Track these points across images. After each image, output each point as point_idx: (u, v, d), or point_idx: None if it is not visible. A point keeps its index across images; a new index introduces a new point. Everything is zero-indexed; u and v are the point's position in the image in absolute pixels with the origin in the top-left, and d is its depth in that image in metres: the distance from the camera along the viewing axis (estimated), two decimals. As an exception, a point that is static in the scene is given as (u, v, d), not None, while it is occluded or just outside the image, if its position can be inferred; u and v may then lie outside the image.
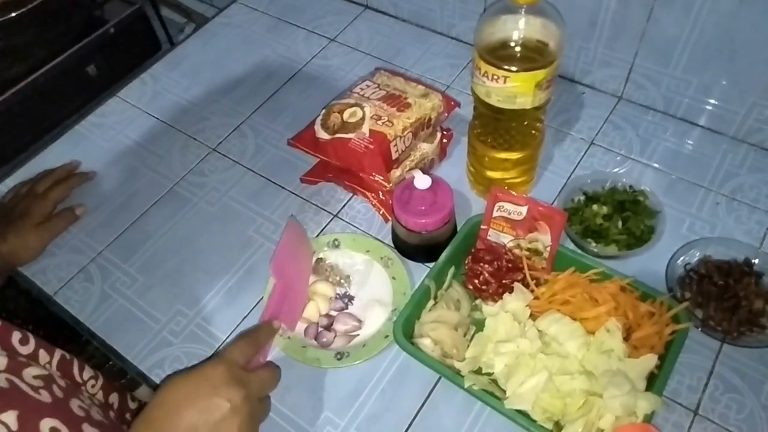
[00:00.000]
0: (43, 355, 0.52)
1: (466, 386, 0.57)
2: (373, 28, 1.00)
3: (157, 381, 0.65)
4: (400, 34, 0.99)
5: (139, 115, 0.92)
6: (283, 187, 0.80)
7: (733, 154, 0.78)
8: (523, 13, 0.57)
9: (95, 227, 0.78)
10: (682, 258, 0.67)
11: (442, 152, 0.79)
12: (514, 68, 0.58)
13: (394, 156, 0.70)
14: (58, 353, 0.54)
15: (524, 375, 0.57)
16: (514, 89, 0.59)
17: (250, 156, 0.84)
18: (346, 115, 0.71)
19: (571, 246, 0.70)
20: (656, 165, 0.78)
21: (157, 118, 0.91)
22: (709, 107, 0.78)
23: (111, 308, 0.71)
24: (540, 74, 0.58)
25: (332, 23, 1.02)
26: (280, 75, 0.95)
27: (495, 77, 0.59)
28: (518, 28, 0.58)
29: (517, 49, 0.59)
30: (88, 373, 0.57)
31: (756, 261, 0.66)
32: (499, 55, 0.59)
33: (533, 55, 0.60)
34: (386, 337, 0.64)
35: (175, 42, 1.26)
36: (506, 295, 0.64)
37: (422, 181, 0.64)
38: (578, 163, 0.79)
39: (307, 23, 1.02)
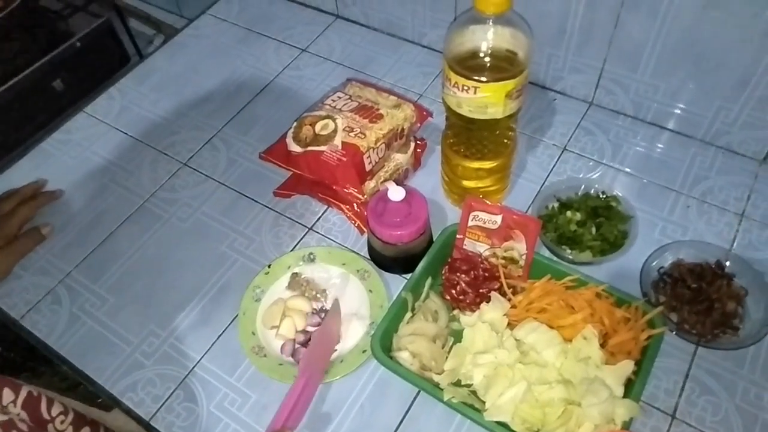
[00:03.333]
0: (7, 394, 0.50)
1: (445, 399, 0.57)
2: (344, 37, 1.00)
3: (130, 405, 0.63)
4: (372, 43, 0.98)
5: (107, 131, 0.90)
6: (256, 201, 0.79)
7: (702, 157, 0.79)
8: (491, 23, 0.57)
9: (63, 247, 0.76)
10: (655, 262, 0.68)
11: (417, 162, 0.79)
12: (484, 79, 0.58)
13: (368, 167, 0.70)
14: (24, 390, 0.52)
15: (503, 386, 0.57)
16: (484, 99, 0.59)
17: (222, 170, 0.83)
18: (318, 127, 0.70)
19: (547, 253, 0.70)
20: (628, 169, 0.78)
21: (125, 134, 0.89)
22: (677, 111, 0.79)
23: (80, 331, 0.69)
24: (510, 84, 0.58)
25: (303, 33, 1.01)
26: (251, 87, 0.94)
27: (465, 88, 0.59)
28: (487, 38, 0.58)
29: (487, 59, 0.59)
30: (57, 408, 0.55)
31: (727, 263, 0.67)
32: (468, 65, 0.59)
33: (503, 65, 0.60)
34: (364, 351, 0.63)
35: (144, 54, 1.24)
36: (483, 305, 0.64)
37: (396, 193, 0.63)
38: (551, 169, 0.79)
39: (277, 34, 1.01)
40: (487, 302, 0.65)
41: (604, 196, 0.72)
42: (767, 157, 0.77)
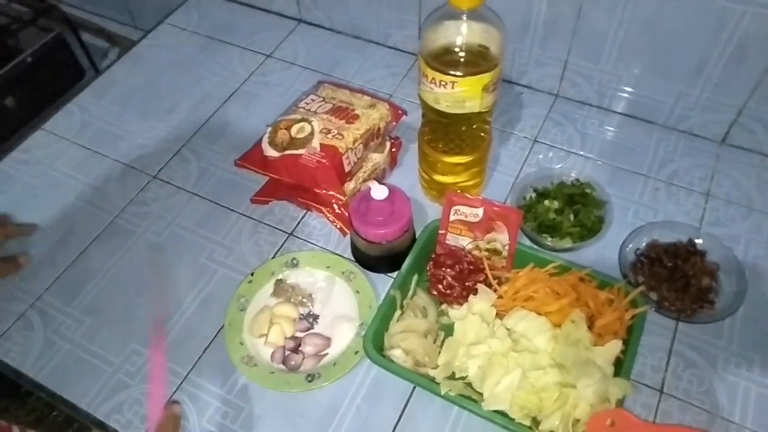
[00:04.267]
0: None
1: (442, 393, 0.57)
2: (309, 41, 0.99)
3: (117, 427, 0.61)
4: (338, 46, 0.98)
5: (69, 147, 0.86)
6: (232, 210, 0.78)
7: (666, 141, 0.82)
8: (464, 18, 0.58)
9: (32, 270, 0.73)
10: (631, 244, 0.70)
11: (393, 161, 0.79)
12: (460, 73, 0.59)
13: (347, 168, 0.70)
14: None
15: (499, 375, 0.57)
16: (462, 94, 0.60)
17: (195, 180, 0.81)
18: (294, 131, 0.70)
19: (528, 243, 0.71)
20: (597, 157, 0.81)
21: (88, 149, 0.86)
22: (640, 99, 0.82)
23: (57, 356, 0.66)
24: (486, 77, 0.59)
25: (267, 39, 1.00)
26: (217, 95, 0.92)
27: (442, 83, 0.59)
28: (461, 34, 0.59)
29: (462, 54, 0.60)
30: None
31: (699, 240, 0.70)
32: (444, 60, 0.60)
33: (477, 60, 0.61)
34: (356, 352, 0.63)
35: (99, 68, 1.20)
36: (471, 297, 0.65)
37: (379, 192, 0.63)
38: (524, 161, 0.81)
39: (240, 41, 1.00)
40: (474, 295, 0.65)
41: (579, 183, 0.74)
42: (726, 138, 0.80)
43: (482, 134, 0.69)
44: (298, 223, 0.76)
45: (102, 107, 0.92)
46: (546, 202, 0.72)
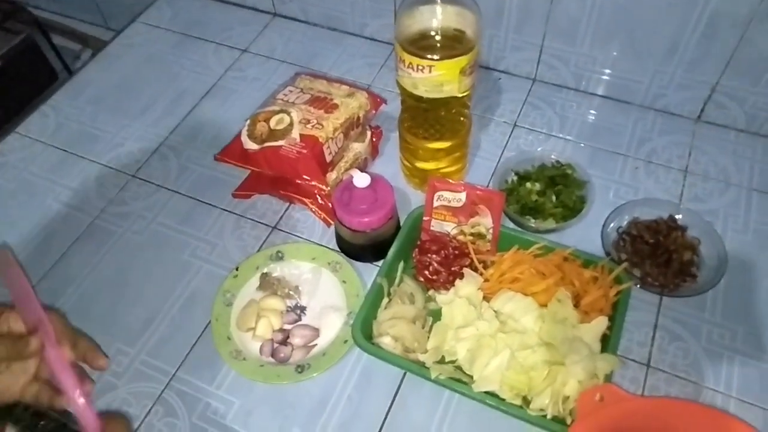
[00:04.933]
0: None
1: (433, 377, 0.57)
2: (285, 35, 0.99)
3: (106, 429, 0.60)
4: (314, 38, 0.98)
5: (44, 149, 0.85)
6: (214, 206, 0.77)
7: (643, 120, 0.83)
8: (439, 2, 0.58)
9: (10, 275, 0.71)
10: (613, 223, 0.71)
11: (374, 150, 0.79)
12: (437, 57, 0.59)
13: (328, 158, 0.69)
14: None
15: (488, 356, 0.58)
16: (439, 77, 0.60)
17: (174, 177, 0.80)
18: (273, 122, 0.69)
19: (511, 225, 0.71)
20: (576, 139, 0.81)
21: (65, 150, 0.84)
22: (616, 80, 0.83)
23: (41, 360, 0.65)
24: (463, 60, 0.59)
25: (242, 34, 0.99)
26: (194, 91, 0.91)
27: (420, 68, 0.59)
28: (436, 18, 0.59)
29: (438, 38, 0.60)
30: None
31: (679, 216, 0.70)
32: (420, 45, 0.60)
33: (454, 44, 0.61)
34: (345, 341, 0.63)
35: (72, 70, 1.18)
36: (458, 282, 0.65)
37: (361, 180, 0.63)
38: (505, 145, 0.81)
39: (214, 36, 0.99)
40: (461, 279, 0.65)
41: (559, 164, 0.74)
42: (701, 115, 0.82)
43: (462, 119, 0.69)
44: (282, 216, 0.76)
45: (77, 108, 0.90)
46: (528, 184, 0.72)
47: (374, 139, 0.79)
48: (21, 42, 1.06)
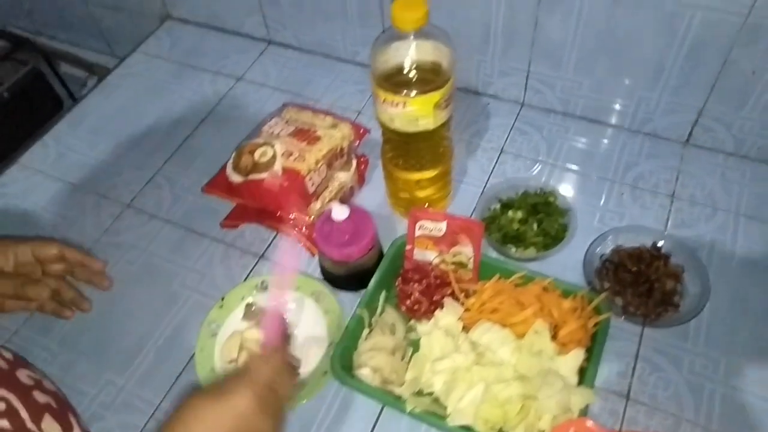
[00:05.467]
0: None
1: (408, 410, 0.58)
2: (279, 62, 1.01)
3: (93, 459, 0.62)
4: (307, 65, 1.00)
5: (44, 180, 0.88)
6: (204, 235, 0.79)
7: (631, 144, 0.82)
8: (411, 38, 0.59)
9: (7, 305, 0.74)
10: (597, 250, 0.71)
11: (361, 179, 0.80)
12: (411, 93, 0.60)
13: (311, 190, 0.70)
14: None
15: (462, 389, 0.58)
16: (414, 113, 0.61)
17: (168, 207, 0.82)
18: (257, 155, 0.71)
19: (494, 254, 0.72)
20: (563, 164, 0.81)
21: (63, 181, 0.87)
22: (602, 104, 0.83)
23: (33, 389, 0.67)
24: (436, 95, 0.60)
25: (237, 62, 1.01)
26: (189, 120, 0.93)
27: (395, 103, 0.60)
28: (409, 53, 0.60)
29: (413, 73, 0.61)
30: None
31: (663, 243, 0.70)
32: (396, 81, 0.61)
33: (430, 77, 0.61)
34: (325, 373, 0.63)
35: (78, 98, 1.21)
36: (437, 312, 0.65)
37: (340, 213, 0.64)
38: (491, 171, 0.82)
39: (211, 65, 1.01)
40: (441, 309, 0.66)
41: (542, 192, 0.75)
42: (689, 138, 0.81)
43: (441, 149, 0.70)
44: (269, 244, 0.77)
45: (77, 138, 0.93)
46: (510, 212, 0.72)
47: (361, 167, 0.80)
48: (27, 73, 1.10)
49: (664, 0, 0.68)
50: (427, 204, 0.75)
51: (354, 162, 0.77)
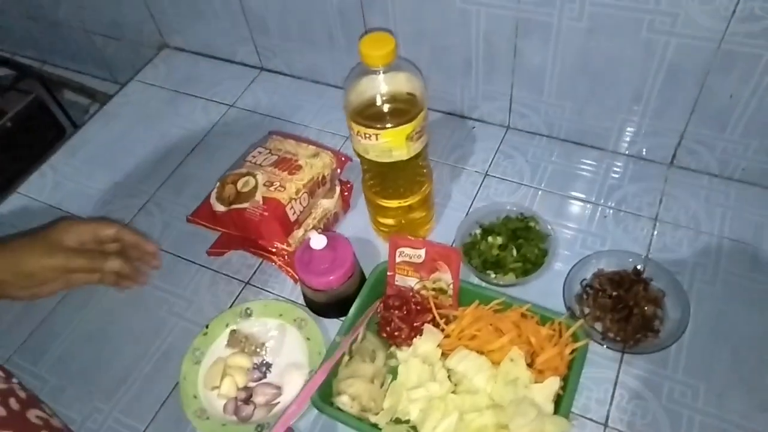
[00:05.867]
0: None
1: (383, 439, 0.58)
2: (269, 89, 1.03)
3: (77, 486, 0.63)
4: (297, 91, 1.01)
5: (41, 210, 0.90)
6: (192, 262, 0.80)
7: (615, 167, 0.83)
8: (381, 72, 0.60)
9: (1, 332, 0.76)
10: (578, 275, 0.71)
11: (346, 204, 0.81)
12: (381, 126, 0.61)
13: (293, 218, 0.72)
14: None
15: (436, 418, 0.58)
16: (387, 144, 0.62)
17: (158, 234, 0.84)
18: (239, 185, 0.72)
19: (476, 280, 0.72)
20: (547, 188, 0.82)
21: (59, 209, 0.90)
22: (586, 127, 0.83)
23: (23, 417, 0.69)
24: (408, 128, 0.61)
25: (230, 89, 1.04)
26: (181, 148, 0.95)
27: (367, 135, 0.62)
28: (380, 87, 0.61)
29: (386, 106, 0.62)
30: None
31: (644, 268, 0.70)
32: (369, 113, 0.62)
33: (404, 107, 0.63)
34: (304, 400, 0.64)
35: (79, 125, 1.25)
36: (416, 339, 0.66)
37: (318, 242, 0.65)
38: (475, 196, 0.82)
39: (204, 92, 1.04)
40: (420, 335, 0.66)
41: (523, 217, 0.75)
42: (673, 160, 0.81)
43: (419, 178, 0.71)
44: (255, 271, 0.78)
45: (73, 167, 0.96)
46: (489, 238, 0.73)
47: (345, 193, 0.81)
48: (30, 102, 1.13)
49: (638, 28, 0.68)
50: (410, 230, 0.76)
51: (338, 189, 0.79)
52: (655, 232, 0.75)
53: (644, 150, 0.82)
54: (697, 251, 0.73)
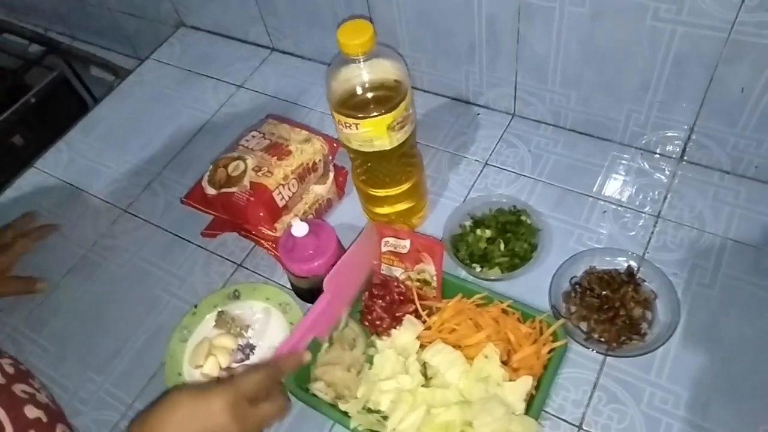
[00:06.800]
0: None
1: (351, 427, 0.59)
2: (279, 70, 1.03)
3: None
4: (306, 73, 1.01)
5: (55, 184, 0.94)
6: (190, 242, 0.82)
7: (622, 160, 0.79)
8: (361, 61, 0.59)
9: (12, 302, 0.80)
10: (567, 272, 0.69)
11: (340, 191, 0.81)
12: (361, 115, 0.60)
13: (281, 204, 0.72)
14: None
15: (404, 411, 0.58)
16: (368, 134, 0.61)
17: (160, 213, 0.86)
18: (230, 168, 0.73)
19: (463, 273, 0.71)
20: (547, 179, 0.79)
21: (72, 185, 0.93)
22: (592, 117, 0.80)
23: (24, 383, 0.73)
24: (388, 118, 0.60)
25: (240, 70, 1.04)
26: (189, 128, 0.97)
27: (347, 125, 0.61)
28: (362, 76, 0.60)
29: (369, 94, 0.61)
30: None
31: (638, 267, 0.67)
32: (353, 103, 0.61)
33: (389, 94, 0.61)
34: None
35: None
36: (394, 331, 0.66)
37: (299, 229, 0.66)
38: (472, 185, 0.81)
39: (216, 72, 1.05)
40: (401, 326, 0.66)
41: (515, 210, 0.73)
42: (684, 155, 0.77)
43: (408, 168, 0.70)
44: (248, 254, 0.79)
45: (87, 144, 0.99)
46: (478, 231, 0.71)
47: (340, 179, 0.81)
48: (54, 78, 1.17)
49: (643, 16, 0.65)
50: (402, 219, 0.75)
51: (331, 175, 0.78)
52: (656, 231, 0.72)
53: (652, 143, 0.78)
54: (698, 252, 0.69)
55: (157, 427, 0.50)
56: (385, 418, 0.61)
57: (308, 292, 0.71)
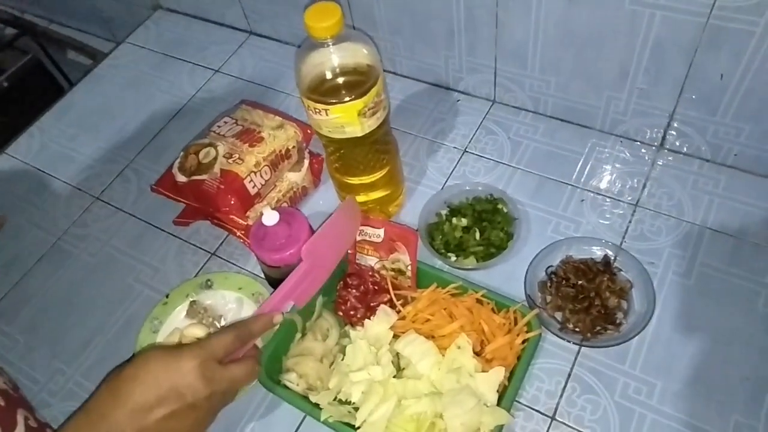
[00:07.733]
0: None
1: (322, 419, 0.58)
2: (256, 54, 1.00)
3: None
4: (284, 57, 0.99)
5: (26, 171, 0.91)
6: (162, 230, 0.80)
7: (601, 147, 0.78)
8: (330, 45, 0.57)
9: (-22, 293, 0.78)
10: (543, 261, 0.68)
11: (316, 178, 0.79)
12: (332, 100, 0.58)
13: (253, 192, 0.71)
14: None
15: (375, 402, 0.57)
16: (338, 120, 0.60)
17: (132, 201, 0.84)
18: (201, 155, 0.71)
19: (439, 262, 0.70)
20: (525, 167, 0.78)
21: (43, 172, 0.91)
22: (572, 104, 0.79)
23: (-9, 374, 0.71)
24: (359, 104, 0.59)
25: (217, 54, 1.02)
26: (164, 113, 0.95)
27: (317, 110, 0.59)
28: (329, 60, 0.58)
29: (339, 79, 0.59)
30: None
31: (615, 257, 0.67)
32: (324, 89, 0.60)
33: (360, 79, 0.60)
34: (252, 374, 0.64)
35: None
36: (367, 321, 0.65)
37: (270, 218, 0.64)
38: (450, 173, 0.79)
39: (192, 56, 1.02)
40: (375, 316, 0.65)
41: (492, 198, 0.72)
42: (663, 142, 0.76)
43: (382, 155, 0.68)
44: (222, 243, 0.78)
45: (60, 130, 0.96)
46: (454, 219, 0.70)
47: (316, 167, 0.79)
48: (27, 62, 1.14)
49: (621, 3, 0.63)
50: (378, 207, 0.74)
51: (306, 162, 0.77)
52: (633, 219, 0.71)
53: (632, 130, 0.77)
54: (676, 241, 0.69)
55: (127, 383, 0.50)
56: (357, 409, 0.60)
57: (281, 282, 0.70)
